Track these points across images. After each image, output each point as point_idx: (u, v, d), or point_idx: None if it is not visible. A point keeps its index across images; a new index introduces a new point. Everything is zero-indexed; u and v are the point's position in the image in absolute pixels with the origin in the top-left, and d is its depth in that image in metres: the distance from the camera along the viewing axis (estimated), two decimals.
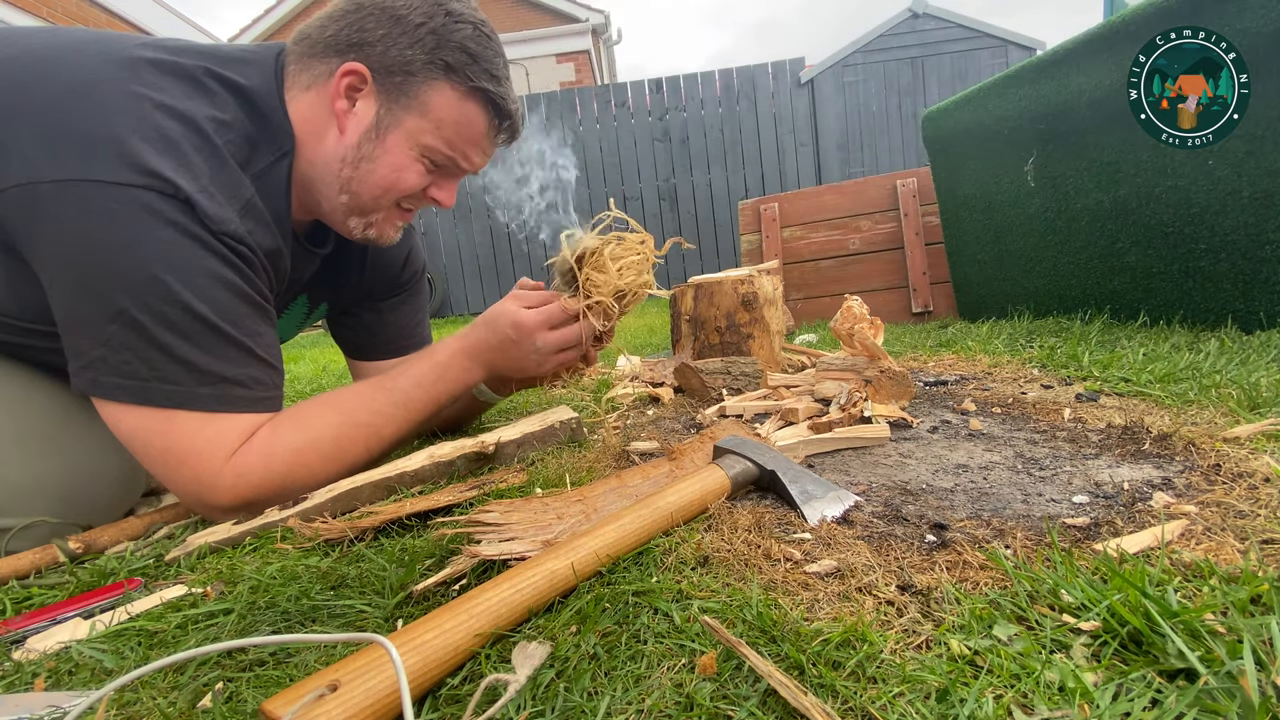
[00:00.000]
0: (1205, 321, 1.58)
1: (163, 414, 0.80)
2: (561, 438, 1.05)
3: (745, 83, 6.77)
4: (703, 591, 0.54)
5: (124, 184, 0.75)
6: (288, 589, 0.63)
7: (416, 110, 0.92)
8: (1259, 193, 1.40)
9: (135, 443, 0.81)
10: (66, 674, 0.55)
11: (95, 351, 0.78)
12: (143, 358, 0.78)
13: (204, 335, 0.80)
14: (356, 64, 0.89)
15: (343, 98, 0.91)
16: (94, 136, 0.75)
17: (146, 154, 0.76)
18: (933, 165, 2.56)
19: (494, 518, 0.67)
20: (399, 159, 0.94)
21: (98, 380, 0.78)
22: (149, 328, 0.77)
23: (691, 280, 1.55)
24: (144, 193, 0.76)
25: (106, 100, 0.77)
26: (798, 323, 2.77)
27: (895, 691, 0.40)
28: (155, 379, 0.79)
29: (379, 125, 0.92)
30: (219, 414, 0.82)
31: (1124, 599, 0.45)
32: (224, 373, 0.82)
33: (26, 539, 0.85)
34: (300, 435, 0.89)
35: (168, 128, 0.78)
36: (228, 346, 0.82)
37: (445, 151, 0.95)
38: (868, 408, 0.97)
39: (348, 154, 0.93)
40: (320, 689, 0.40)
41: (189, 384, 0.80)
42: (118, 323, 0.77)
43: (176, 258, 0.78)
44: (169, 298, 0.77)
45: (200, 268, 0.80)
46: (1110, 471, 0.73)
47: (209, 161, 0.81)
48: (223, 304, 0.82)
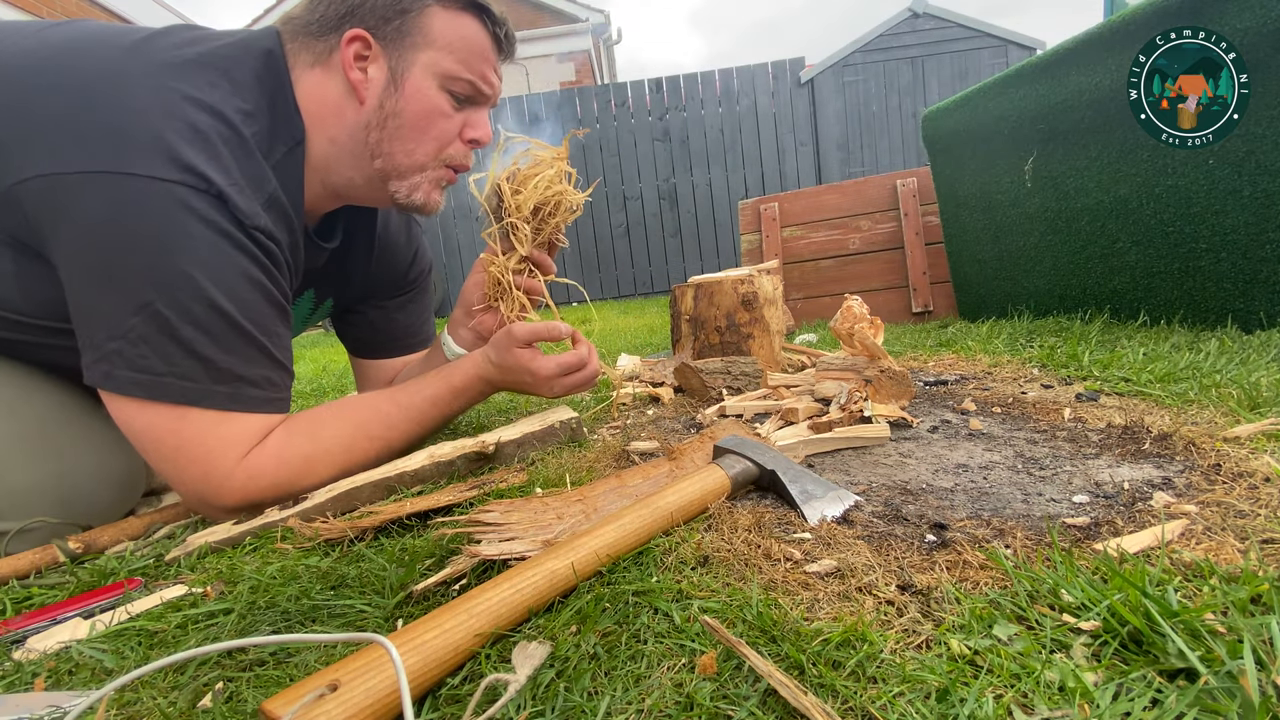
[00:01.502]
0: (1205, 321, 1.58)
1: (176, 411, 0.79)
2: (561, 438, 1.05)
3: (745, 83, 6.77)
4: (703, 591, 0.54)
5: (159, 178, 0.74)
6: (288, 589, 0.63)
7: (422, 43, 0.91)
8: (1259, 192, 1.40)
9: (145, 439, 0.81)
10: (66, 674, 0.55)
11: (112, 345, 0.77)
12: (160, 353, 0.77)
13: (227, 334, 0.80)
14: (357, 30, 0.89)
15: (355, 68, 0.90)
16: (126, 128, 0.74)
17: (180, 147, 0.75)
18: (933, 165, 2.56)
19: (494, 517, 0.67)
20: (424, 99, 0.93)
21: (112, 374, 0.78)
22: (172, 322, 0.76)
23: (691, 280, 1.55)
24: (178, 188, 0.75)
25: (136, 92, 0.76)
26: (798, 323, 2.77)
27: (895, 691, 0.40)
28: (171, 375, 0.78)
29: (394, 75, 0.91)
30: (232, 413, 0.82)
31: (1124, 599, 0.45)
32: (240, 371, 0.82)
33: (26, 540, 0.84)
34: (313, 443, 0.89)
35: (198, 120, 0.78)
36: (247, 346, 0.82)
37: (464, 75, 0.94)
38: (868, 407, 0.97)
39: (371, 118, 0.92)
40: (320, 689, 0.40)
41: (205, 381, 0.80)
42: (140, 316, 0.76)
43: (208, 255, 0.78)
44: (197, 294, 0.77)
45: (231, 266, 0.80)
46: (1110, 471, 0.73)
47: (237, 154, 0.81)
48: (249, 303, 0.82)
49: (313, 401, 1.99)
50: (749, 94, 6.78)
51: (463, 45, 0.93)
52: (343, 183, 0.97)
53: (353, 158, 0.94)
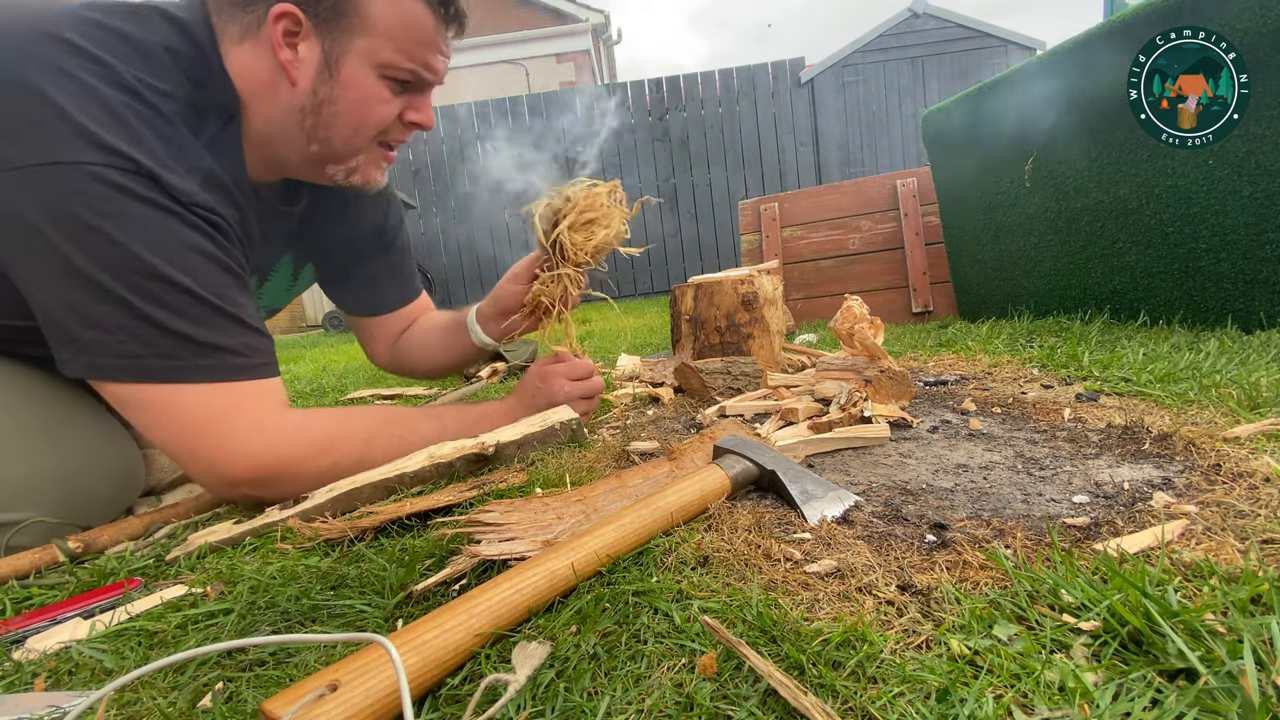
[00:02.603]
0: (1205, 321, 1.58)
1: (168, 389, 0.79)
2: (561, 438, 1.05)
3: (745, 83, 6.78)
4: (703, 591, 0.54)
5: (86, 163, 0.72)
6: (288, 589, 0.63)
7: (359, 29, 0.86)
8: (1259, 193, 1.40)
9: (146, 419, 0.80)
10: (66, 674, 0.55)
11: (88, 335, 0.76)
12: (136, 336, 0.76)
13: (193, 308, 0.79)
14: (284, 4, 0.83)
15: (284, 47, 0.85)
16: (42, 118, 0.72)
17: (98, 132, 0.73)
18: (933, 165, 2.56)
19: (494, 518, 0.67)
20: (361, 89, 0.89)
21: (96, 363, 0.77)
22: (137, 305, 0.76)
23: (691, 280, 1.55)
24: (107, 170, 0.73)
25: (44, 78, 0.72)
26: (798, 323, 2.77)
27: (895, 691, 0.40)
28: (153, 355, 0.77)
29: (329, 61, 0.87)
30: (224, 384, 0.81)
31: (1124, 599, 0.45)
32: (219, 343, 0.81)
33: (26, 536, 0.84)
34: (340, 427, 0.90)
35: (111, 100, 0.75)
36: (217, 317, 0.81)
37: (405, 64, 0.89)
38: (868, 408, 0.97)
39: (305, 103, 0.88)
40: (320, 689, 0.40)
41: (188, 357, 0.79)
42: (106, 303, 0.75)
43: (153, 232, 0.76)
44: (152, 273, 0.76)
45: (179, 241, 0.78)
46: (1110, 471, 0.73)
47: (160, 133, 0.78)
48: (206, 275, 0.80)
49: (313, 401, 1.99)
50: (749, 94, 6.78)
51: (404, 31, 0.88)
52: (281, 161, 0.94)
53: (289, 139, 0.91)
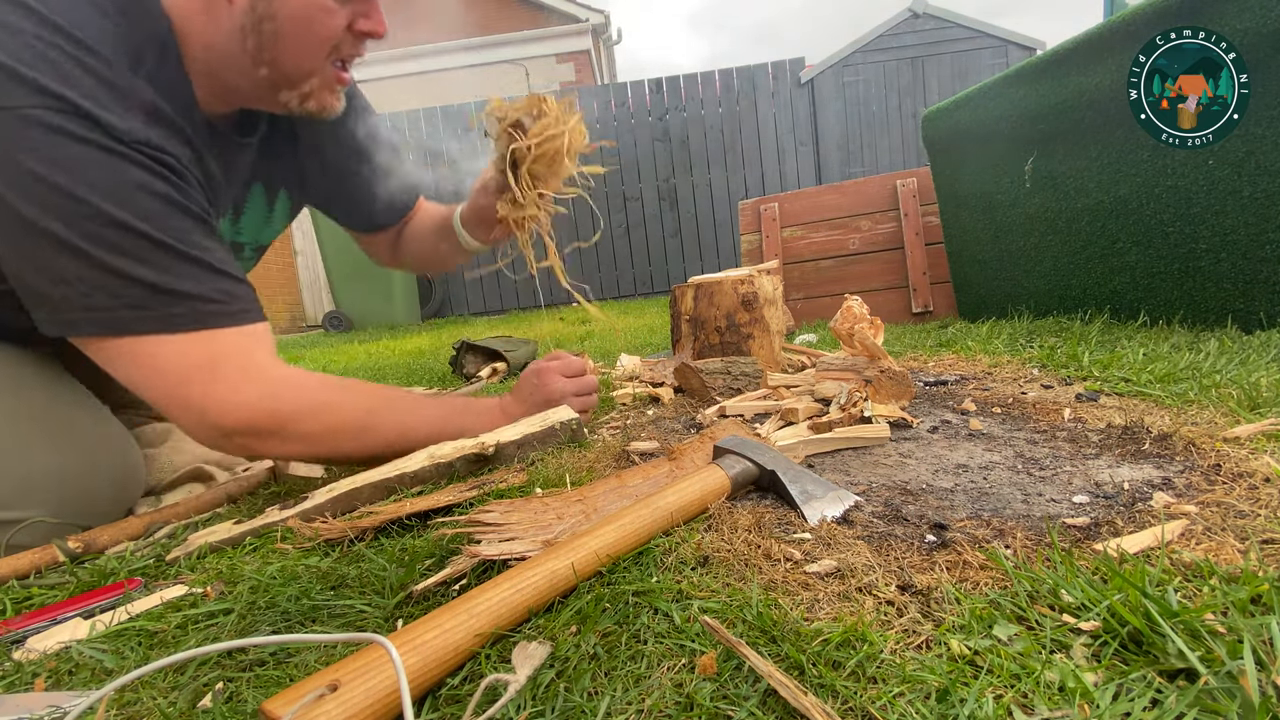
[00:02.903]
0: (1205, 321, 1.58)
1: (148, 340, 0.76)
2: (561, 438, 1.05)
3: (745, 83, 6.77)
4: (703, 591, 0.54)
5: (15, 107, 0.68)
6: (288, 589, 0.63)
7: None
8: (1259, 193, 1.40)
9: (131, 373, 0.77)
10: (66, 674, 0.55)
11: (57, 291, 0.73)
12: (101, 286, 0.73)
13: (153, 253, 0.74)
14: None
15: None
16: None
17: (24, 71, 0.69)
18: (933, 165, 2.56)
19: (494, 518, 0.67)
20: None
21: (68, 319, 0.74)
22: (95, 254, 0.72)
23: (691, 280, 1.55)
24: (38, 111, 0.69)
25: None
26: (798, 323, 2.77)
27: (895, 691, 0.40)
28: (122, 305, 0.74)
29: None
30: (202, 332, 0.78)
31: (1124, 599, 0.45)
32: (189, 290, 0.77)
33: (27, 537, 0.84)
34: (342, 392, 0.88)
35: (33, 38, 0.70)
36: (181, 263, 0.77)
37: None
38: (868, 408, 0.97)
39: (245, 21, 0.82)
40: (320, 689, 0.40)
41: (157, 306, 0.75)
42: (64, 255, 0.71)
43: (98, 175, 0.71)
44: (106, 219, 0.72)
45: (127, 181, 0.73)
46: (1110, 471, 0.73)
47: (91, 70, 0.73)
48: (162, 218, 0.75)
49: None
50: (749, 94, 6.78)
51: None
52: (232, 89, 0.89)
53: (234, 64, 0.85)
